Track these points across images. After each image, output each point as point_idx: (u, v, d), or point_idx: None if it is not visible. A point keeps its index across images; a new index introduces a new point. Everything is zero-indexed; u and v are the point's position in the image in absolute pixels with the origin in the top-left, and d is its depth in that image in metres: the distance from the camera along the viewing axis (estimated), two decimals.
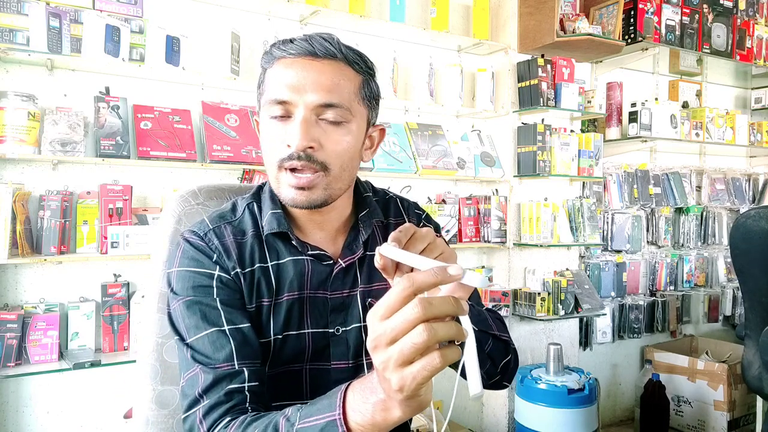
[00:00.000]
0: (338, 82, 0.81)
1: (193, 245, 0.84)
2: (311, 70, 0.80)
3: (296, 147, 0.78)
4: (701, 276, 3.38)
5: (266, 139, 0.82)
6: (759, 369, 1.74)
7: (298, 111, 0.79)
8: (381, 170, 2.26)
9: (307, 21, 2.23)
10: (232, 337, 0.78)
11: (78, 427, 1.87)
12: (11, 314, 1.68)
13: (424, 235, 0.68)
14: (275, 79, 0.81)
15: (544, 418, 2.24)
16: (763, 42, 3.34)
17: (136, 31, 1.89)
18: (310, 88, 0.79)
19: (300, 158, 0.78)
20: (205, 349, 0.77)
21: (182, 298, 0.81)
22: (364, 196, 0.94)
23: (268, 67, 0.84)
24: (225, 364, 0.76)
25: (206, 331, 0.78)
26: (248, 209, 0.89)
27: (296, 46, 0.81)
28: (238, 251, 0.84)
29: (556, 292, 2.48)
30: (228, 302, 0.81)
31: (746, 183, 3.59)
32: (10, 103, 1.69)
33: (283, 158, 0.79)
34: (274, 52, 0.83)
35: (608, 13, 2.69)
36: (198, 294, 0.80)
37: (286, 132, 0.79)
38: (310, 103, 0.79)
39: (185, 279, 0.82)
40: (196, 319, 0.79)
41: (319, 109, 0.79)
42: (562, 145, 2.54)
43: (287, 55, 0.81)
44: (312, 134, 0.78)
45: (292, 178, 0.80)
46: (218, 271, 0.82)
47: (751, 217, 1.68)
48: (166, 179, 2.01)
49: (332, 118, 0.80)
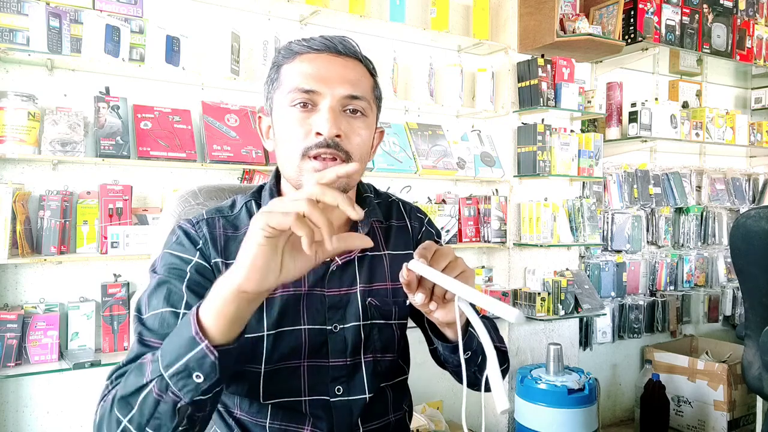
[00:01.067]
0: (360, 78, 0.85)
1: (184, 231, 0.86)
2: (337, 65, 0.83)
3: (327, 134, 0.79)
4: (701, 276, 3.37)
5: (287, 128, 0.83)
6: (759, 369, 1.74)
7: (324, 101, 0.81)
8: (381, 170, 2.26)
9: (307, 21, 2.23)
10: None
11: (78, 427, 1.87)
12: (11, 314, 1.68)
13: (445, 253, 0.73)
14: (298, 72, 0.83)
15: (544, 418, 2.24)
16: (763, 42, 3.34)
17: (136, 31, 1.89)
18: (338, 81, 0.82)
19: (329, 146, 0.80)
20: (153, 325, 0.77)
21: (156, 276, 0.82)
22: (364, 196, 0.95)
23: (285, 63, 0.85)
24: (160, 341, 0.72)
25: (161, 310, 0.78)
26: (246, 207, 0.90)
27: (318, 43, 0.84)
28: (224, 243, 0.85)
29: (556, 292, 2.48)
30: (195, 289, 0.81)
31: (746, 183, 3.59)
32: (10, 103, 1.69)
33: (309, 146, 0.81)
34: (294, 48, 0.85)
35: (608, 13, 2.69)
36: (171, 275, 0.81)
37: (312, 121, 0.81)
38: (337, 94, 0.81)
39: (166, 259, 0.83)
40: (159, 299, 0.79)
41: (345, 101, 0.82)
42: (562, 145, 2.54)
43: (311, 51, 0.84)
44: (339, 123, 0.81)
45: (318, 164, 0.81)
46: (197, 257, 0.83)
47: (751, 217, 1.68)
48: (166, 179, 2.01)
49: (357, 109, 0.83)
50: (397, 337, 0.93)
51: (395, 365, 0.96)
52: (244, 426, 0.88)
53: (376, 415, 0.91)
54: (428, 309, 0.74)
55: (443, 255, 0.72)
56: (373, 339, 0.89)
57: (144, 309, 0.80)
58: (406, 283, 0.71)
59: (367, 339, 0.89)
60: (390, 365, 0.94)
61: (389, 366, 0.93)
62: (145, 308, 0.80)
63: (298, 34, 2.24)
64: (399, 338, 0.94)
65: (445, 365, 0.96)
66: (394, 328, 0.93)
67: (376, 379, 0.90)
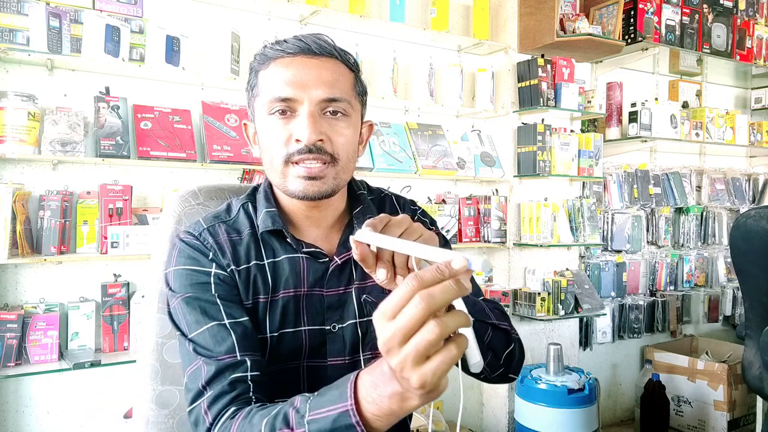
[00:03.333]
0: (338, 78, 0.82)
1: (189, 245, 0.85)
2: (312, 67, 0.81)
3: (307, 140, 0.79)
4: (701, 276, 3.37)
5: (268, 136, 0.82)
6: (759, 369, 1.74)
7: (303, 107, 0.80)
8: (381, 170, 2.26)
9: (307, 21, 2.23)
10: (232, 330, 0.78)
11: (78, 427, 1.87)
12: (11, 314, 1.68)
13: (399, 221, 0.67)
14: (274, 78, 0.82)
15: (544, 418, 2.24)
16: (763, 42, 3.34)
17: (136, 31, 1.89)
18: (314, 84, 0.80)
19: (311, 151, 0.80)
20: (206, 342, 0.78)
21: (181, 296, 0.81)
22: (358, 194, 0.95)
23: (261, 69, 0.84)
24: (227, 355, 0.76)
25: (207, 325, 0.78)
26: (243, 209, 0.90)
27: (292, 46, 0.82)
28: (232, 249, 0.85)
29: (556, 292, 2.48)
30: (226, 297, 0.81)
31: (746, 183, 3.59)
32: (10, 103, 1.69)
33: (291, 153, 0.80)
34: (268, 53, 0.83)
35: (608, 13, 2.69)
36: (197, 291, 0.81)
37: (292, 127, 0.80)
38: (315, 98, 0.80)
39: (183, 277, 0.82)
40: (197, 315, 0.79)
41: (324, 104, 0.81)
42: (562, 145, 2.54)
43: (284, 55, 0.82)
44: (320, 128, 0.80)
45: (302, 169, 0.80)
46: (215, 268, 0.83)
47: (751, 217, 1.68)
48: (166, 179, 2.01)
49: (336, 111, 0.82)
50: None
51: None
52: None
53: None
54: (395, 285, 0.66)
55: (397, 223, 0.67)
56: (370, 336, 0.89)
57: (186, 329, 0.80)
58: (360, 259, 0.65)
59: (365, 336, 0.88)
60: None
61: None
62: (186, 328, 0.80)
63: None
64: None
65: None
66: None
67: None
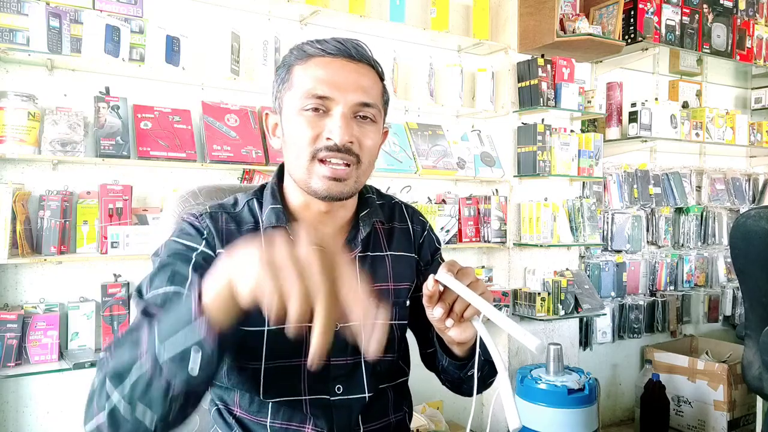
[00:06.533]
0: (372, 85, 0.86)
1: (189, 223, 0.87)
2: (350, 71, 0.84)
3: (339, 140, 0.81)
4: (701, 276, 3.37)
5: (297, 130, 0.83)
6: (759, 369, 1.74)
7: (337, 107, 0.82)
8: (381, 170, 2.26)
9: (307, 21, 2.23)
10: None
11: (78, 427, 1.87)
12: (11, 314, 1.68)
13: (469, 272, 0.76)
14: (311, 75, 0.83)
15: (544, 418, 2.24)
16: (763, 42, 3.34)
17: (136, 31, 1.89)
18: (351, 88, 0.83)
19: (340, 150, 0.82)
20: (155, 302, 0.76)
21: (159, 260, 0.82)
22: (366, 197, 0.96)
23: (298, 64, 0.85)
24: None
25: (165, 289, 0.77)
26: (248, 205, 0.91)
27: (333, 47, 0.84)
28: (227, 237, 0.86)
29: (556, 292, 2.48)
30: (201, 273, 0.79)
31: (746, 183, 3.59)
32: (10, 103, 1.69)
33: (319, 148, 0.82)
34: (307, 50, 0.85)
35: (608, 13, 2.69)
36: (175, 259, 0.81)
37: (325, 125, 0.82)
38: (350, 101, 0.82)
39: (170, 247, 0.84)
40: (162, 279, 0.78)
41: (357, 107, 0.83)
42: (562, 145, 2.54)
43: (325, 54, 0.84)
44: (351, 130, 0.82)
45: (328, 169, 0.82)
46: (203, 246, 0.83)
47: (751, 217, 1.68)
48: (166, 179, 2.01)
49: (366, 116, 0.85)
50: (397, 338, 0.94)
51: (395, 366, 0.96)
52: (245, 426, 0.88)
53: (377, 416, 0.91)
54: (444, 325, 0.77)
55: (467, 273, 0.75)
56: None
57: (145, 290, 0.78)
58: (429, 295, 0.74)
59: None
60: (390, 366, 0.94)
61: (389, 367, 0.94)
62: (146, 289, 0.78)
63: (298, 34, 2.24)
64: (399, 339, 0.95)
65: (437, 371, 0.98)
66: (394, 328, 0.93)
67: (375, 379, 0.90)
